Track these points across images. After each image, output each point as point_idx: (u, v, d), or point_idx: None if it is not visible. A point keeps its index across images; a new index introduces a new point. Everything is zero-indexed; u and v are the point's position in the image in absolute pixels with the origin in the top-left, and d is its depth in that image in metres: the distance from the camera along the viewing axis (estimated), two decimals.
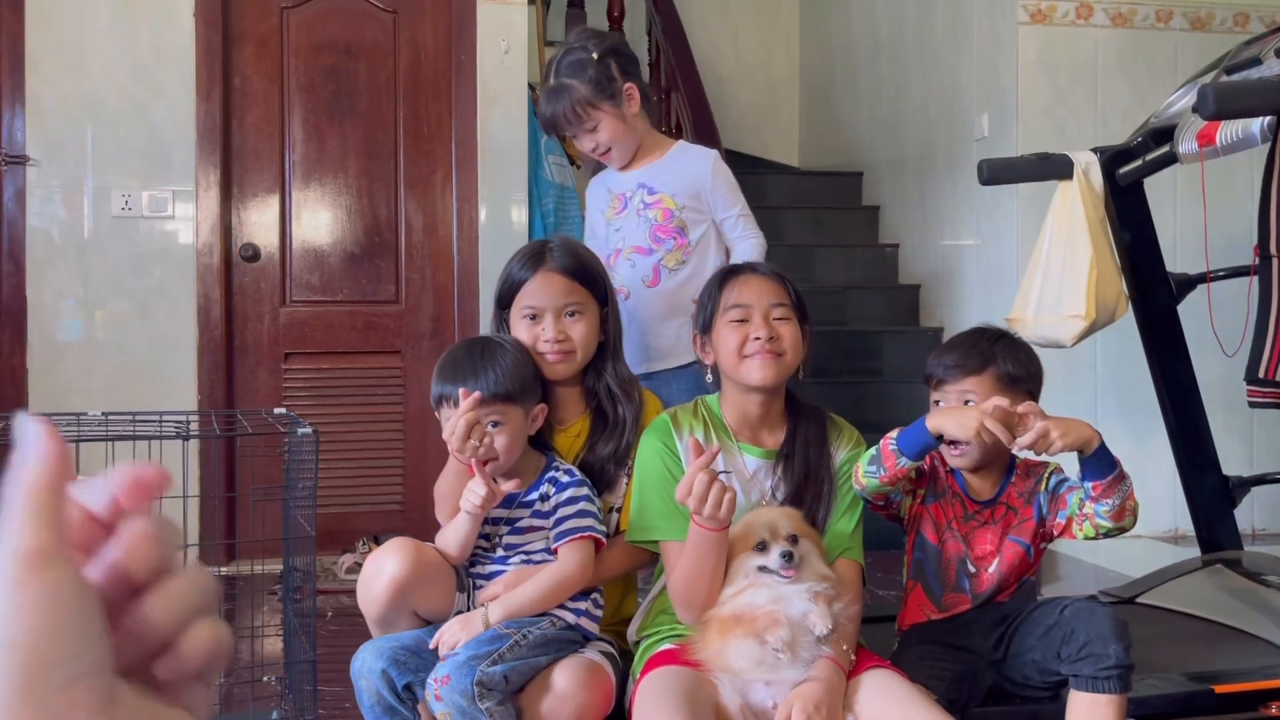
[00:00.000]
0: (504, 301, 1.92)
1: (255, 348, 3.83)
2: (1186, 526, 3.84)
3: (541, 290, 1.88)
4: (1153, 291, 2.65)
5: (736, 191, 2.32)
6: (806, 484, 1.79)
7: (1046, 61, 4.15)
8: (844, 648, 1.64)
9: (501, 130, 3.92)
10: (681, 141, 2.40)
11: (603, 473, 1.87)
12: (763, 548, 1.65)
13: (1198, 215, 3.82)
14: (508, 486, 1.74)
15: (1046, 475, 1.90)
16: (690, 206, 2.27)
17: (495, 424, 1.76)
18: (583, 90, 2.18)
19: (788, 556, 1.62)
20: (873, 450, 1.79)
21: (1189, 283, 2.63)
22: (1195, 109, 1.94)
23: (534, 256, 1.91)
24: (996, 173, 2.62)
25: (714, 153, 2.34)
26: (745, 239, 2.29)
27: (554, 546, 1.79)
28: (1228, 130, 2.16)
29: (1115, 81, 4.16)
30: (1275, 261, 1.91)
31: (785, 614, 1.59)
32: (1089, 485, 1.75)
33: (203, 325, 3.75)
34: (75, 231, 3.68)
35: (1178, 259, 2.75)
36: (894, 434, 1.78)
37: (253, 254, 3.85)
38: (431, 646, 1.68)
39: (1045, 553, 1.95)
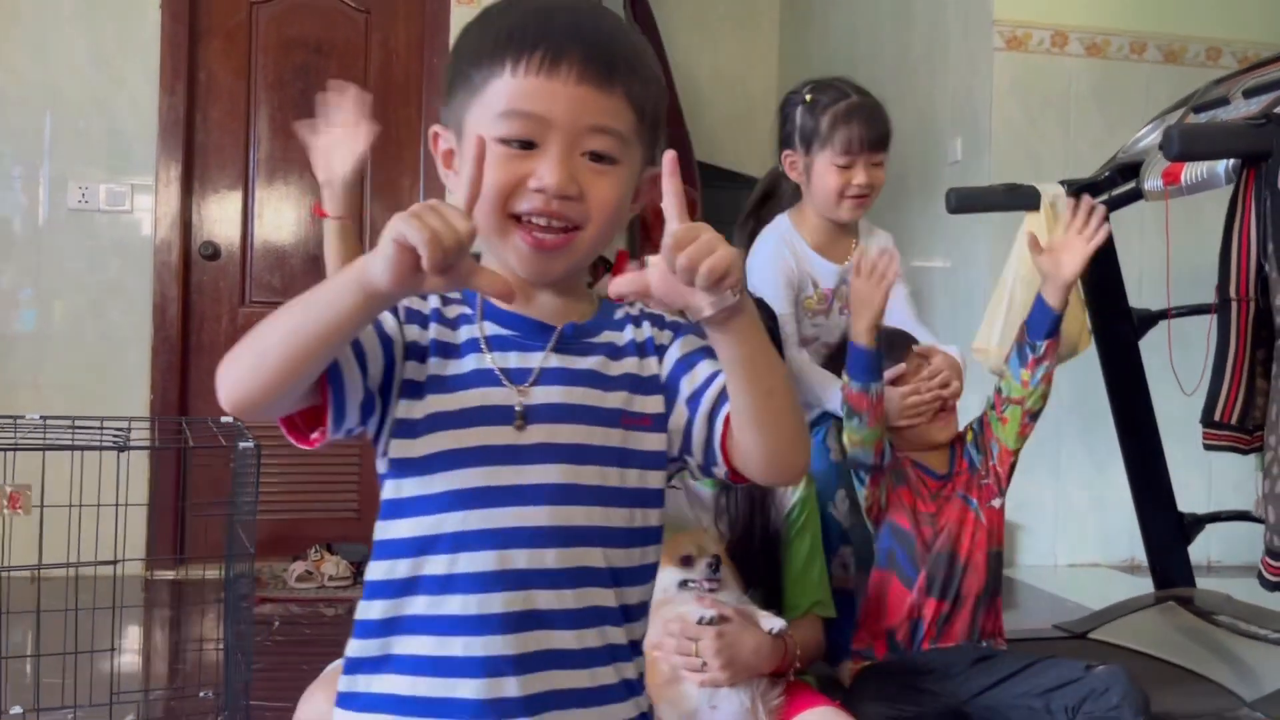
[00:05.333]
0: None
1: (212, 348, 3.77)
2: (1143, 556, 3.86)
3: None
4: (1114, 326, 2.64)
5: None
6: (753, 516, 1.76)
7: (1021, 88, 4.16)
8: (796, 651, 1.63)
9: None
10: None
11: None
12: (687, 561, 1.61)
13: (1164, 248, 3.84)
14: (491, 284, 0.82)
15: (969, 426, 1.97)
16: None
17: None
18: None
19: (713, 567, 1.59)
20: (839, 411, 1.85)
21: (1150, 318, 2.63)
22: (1160, 149, 1.93)
23: None
24: (964, 202, 2.61)
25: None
26: None
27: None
28: (1193, 170, 2.16)
29: (1088, 111, 4.17)
30: (1234, 305, 1.90)
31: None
32: (1040, 344, 1.88)
33: (158, 324, 3.68)
34: (29, 222, 3.60)
35: (1144, 292, 2.74)
36: (841, 381, 1.85)
37: (212, 252, 3.78)
38: None
39: (1002, 519, 1.96)
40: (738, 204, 5.68)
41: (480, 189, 0.81)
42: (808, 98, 2.11)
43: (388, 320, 0.90)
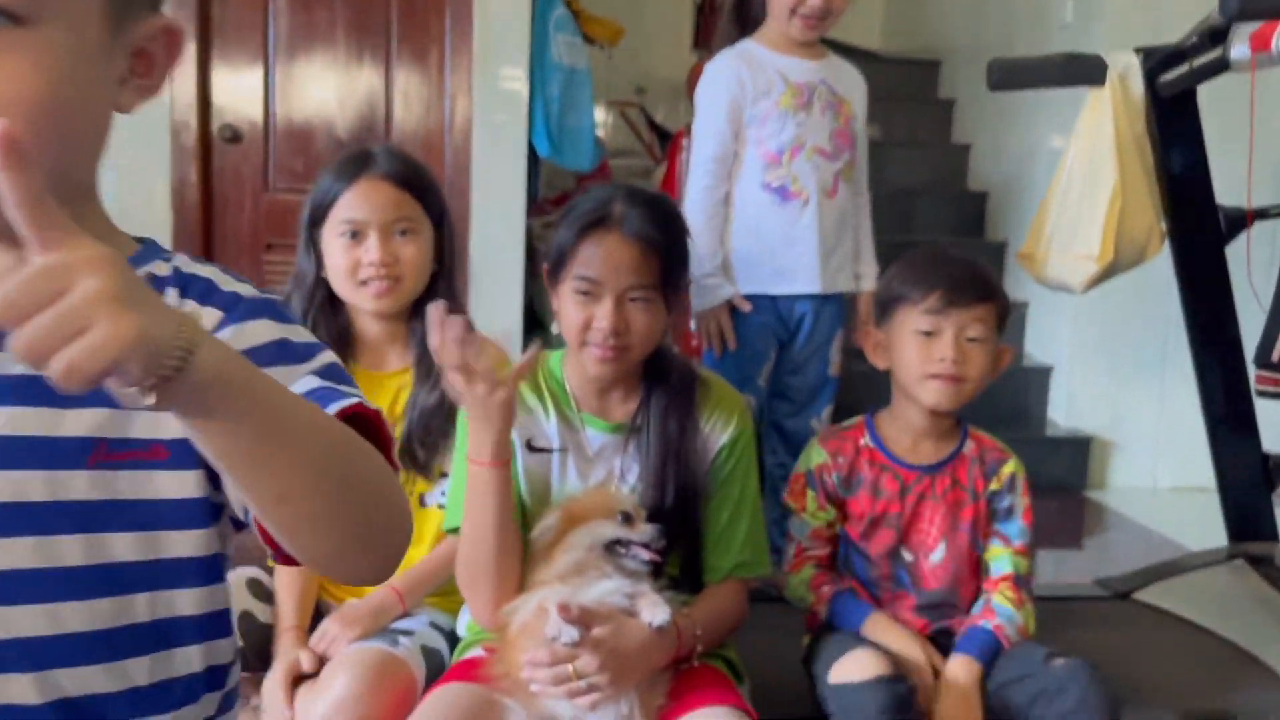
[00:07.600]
0: (316, 218, 1.60)
1: (235, 237, 3.62)
2: None
3: (365, 201, 1.55)
4: (1198, 227, 2.17)
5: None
6: (665, 465, 1.46)
7: None
8: (696, 632, 1.38)
9: (499, 2, 3.53)
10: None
11: (427, 431, 1.57)
12: (627, 520, 1.36)
13: (1260, 137, 3.22)
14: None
15: (1002, 473, 1.58)
16: (860, 117, 2.24)
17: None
18: None
19: (662, 533, 1.36)
20: (800, 590, 1.62)
21: (1242, 219, 2.14)
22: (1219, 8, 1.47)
23: (354, 161, 1.57)
24: (1009, 76, 2.16)
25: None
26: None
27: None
28: None
29: None
30: None
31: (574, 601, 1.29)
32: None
33: (178, 210, 3.54)
34: None
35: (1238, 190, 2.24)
36: (826, 604, 1.59)
37: (233, 135, 3.60)
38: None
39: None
40: None
41: None
42: None
43: None
